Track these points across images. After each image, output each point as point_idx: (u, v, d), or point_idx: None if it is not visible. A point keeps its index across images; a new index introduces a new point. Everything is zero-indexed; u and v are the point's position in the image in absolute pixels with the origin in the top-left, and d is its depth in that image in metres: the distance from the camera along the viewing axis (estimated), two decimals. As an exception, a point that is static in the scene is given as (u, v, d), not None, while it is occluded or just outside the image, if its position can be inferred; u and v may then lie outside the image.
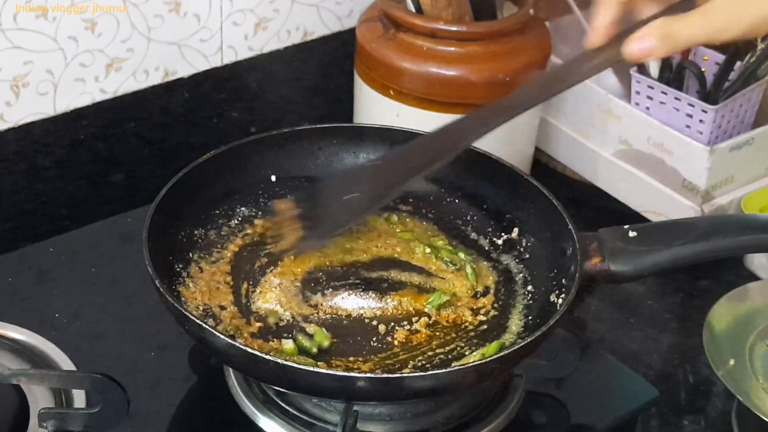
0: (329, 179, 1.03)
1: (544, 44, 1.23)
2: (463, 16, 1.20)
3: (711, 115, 1.24)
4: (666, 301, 1.20)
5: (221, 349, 0.88)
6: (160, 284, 0.91)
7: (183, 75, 1.33)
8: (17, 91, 1.21)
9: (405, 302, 1.00)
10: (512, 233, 1.07)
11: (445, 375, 0.88)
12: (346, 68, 1.32)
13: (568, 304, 0.93)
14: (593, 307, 1.18)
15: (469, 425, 0.97)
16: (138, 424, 0.96)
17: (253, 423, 0.96)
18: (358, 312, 0.99)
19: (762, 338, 1.06)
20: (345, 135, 1.12)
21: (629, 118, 1.30)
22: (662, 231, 1.00)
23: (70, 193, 1.25)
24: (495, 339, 0.97)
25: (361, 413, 0.92)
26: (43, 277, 1.11)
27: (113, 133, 1.29)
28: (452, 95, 1.18)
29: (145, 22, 1.26)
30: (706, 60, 1.30)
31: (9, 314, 1.03)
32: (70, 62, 1.23)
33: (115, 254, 1.14)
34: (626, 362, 1.09)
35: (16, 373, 0.92)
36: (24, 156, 1.23)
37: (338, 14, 1.43)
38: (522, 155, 1.27)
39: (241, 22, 1.35)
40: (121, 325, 1.06)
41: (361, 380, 0.86)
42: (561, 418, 1.01)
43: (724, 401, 1.08)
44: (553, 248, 1.01)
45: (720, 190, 1.26)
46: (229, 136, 1.18)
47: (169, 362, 1.02)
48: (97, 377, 0.90)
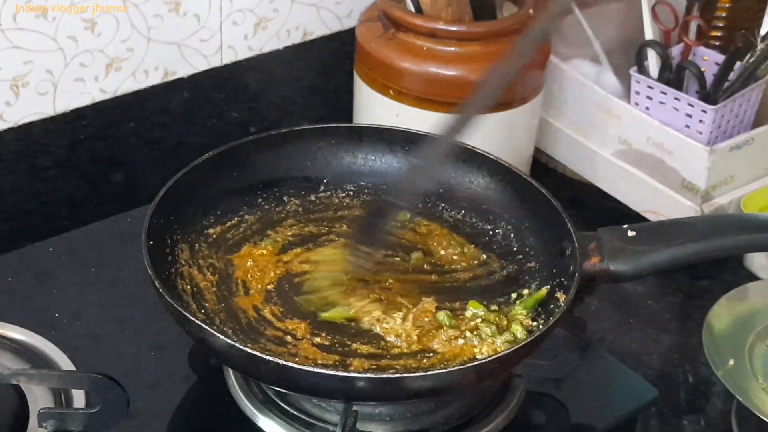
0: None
1: (543, 44, 1.23)
2: (462, 16, 1.20)
3: (711, 115, 1.24)
4: (666, 301, 1.20)
5: (221, 350, 0.88)
6: (160, 284, 0.91)
7: (183, 75, 1.33)
8: (17, 90, 1.21)
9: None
10: (511, 233, 1.07)
11: (445, 375, 0.88)
12: (345, 68, 1.32)
13: (567, 304, 0.93)
14: (593, 307, 1.18)
15: (469, 425, 0.97)
16: (138, 424, 0.96)
17: (253, 423, 0.96)
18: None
19: (761, 338, 1.06)
20: (344, 135, 1.12)
21: (629, 118, 1.30)
22: (661, 230, 1.00)
23: (69, 193, 1.25)
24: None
25: (361, 413, 0.92)
26: (42, 277, 1.11)
27: (113, 133, 1.29)
28: (452, 95, 1.18)
29: (144, 22, 1.26)
30: (705, 60, 1.30)
31: (9, 314, 1.03)
32: (70, 62, 1.23)
33: (115, 254, 1.14)
34: (626, 362, 1.09)
35: (15, 372, 0.92)
36: (24, 156, 1.23)
37: (338, 14, 1.43)
38: (521, 155, 1.27)
39: (240, 21, 1.35)
40: (121, 325, 1.06)
41: (361, 380, 0.86)
42: (561, 418, 1.01)
43: (724, 401, 1.08)
44: (552, 248, 1.01)
45: (720, 190, 1.26)
46: (228, 136, 1.18)
47: (169, 362, 1.02)
48: (97, 377, 0.90)
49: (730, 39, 1.30)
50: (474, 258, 1.06)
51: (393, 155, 1.12)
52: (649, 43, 1.29)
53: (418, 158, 1.00)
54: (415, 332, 0.96)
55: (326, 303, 0.98)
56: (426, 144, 1.01)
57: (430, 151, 0.98)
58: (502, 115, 1.21)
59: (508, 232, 1.08)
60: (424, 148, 1.00)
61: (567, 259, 0.98)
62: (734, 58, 1.25)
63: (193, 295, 0.98)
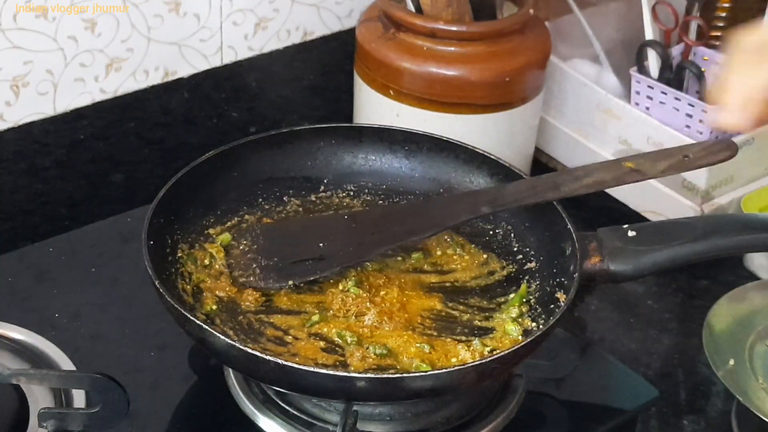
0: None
1: (543, 44, 1.23)
2: (463, 16, 1.20)
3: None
4: (666, 301, 1.20)
5: (221, 350, 0.88)
6: (160, 284, 0.91)
7: (183, 75, 1.34)
8: (17, 90, 1.21)
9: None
10: (511, 233, 1.07)
11: (445, 375, 0.88)
12: (346, 68, 1.32)
13: (567, 304, 0.93)
14: (593, 307, 1.18)
15: (469, 425, 0.97)
16: (138, 424, 0.96)
17: (253, 423, 0.96)
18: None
19: (762, 338, 1.06)
20: (344, 135, 1.12)
21: (629, 118, 1.30)
22: (661, 230, 1.00)
23: (69, 192, 1.25)
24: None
25: (361, 413, 0.92)
26: (42, 276, 1.11)
27: (113, 133, 1.29)
28: (452, 95, 1.18)
29: (144, 22, 1.26)
30: (706, 60, 1.30)
31: (9, 314, 1.03)
32: (70, 62, 1.23)
33: (115, 254, 1.14)
34: (626, 362, 1.09)
35: (16, 372, 0.92)
36: (24, 156, 1.24)
37: (338, 14, 1.43)
38: (522, 155, 1.27)
39: (240, 21, 1.35)
40: (121, 325, 1.06)
41: (361, 380, 0.86)
42: (561, 418, 1.01)
43: (724, 401, 1.08)
44: (552, 248, 1.01)
45: (720, 190, 1.26)
46: (228, 136, 1.18)
47: (169, 362, 1.02)
48: (97, 377, 0.90)
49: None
50: (474, 258, 1.06)
51: (393, 155, 1.12)
52: (650, 43, 1.29)
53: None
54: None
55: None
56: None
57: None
58: (502, 115, 1.21)
59: (508, 232, 1.07)
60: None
61: (567, 259, 0.98)
62: (734, 58, 1.25)
63: (193, 295, 0.98)
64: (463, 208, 1.02)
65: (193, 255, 1.01)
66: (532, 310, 0.99)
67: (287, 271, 0.99)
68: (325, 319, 0.97)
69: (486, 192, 1.04)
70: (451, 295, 1.02)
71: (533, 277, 1.03)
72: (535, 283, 1.02)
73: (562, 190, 1.00)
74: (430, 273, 1.04)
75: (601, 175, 1.00)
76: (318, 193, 1.11)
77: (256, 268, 1.00)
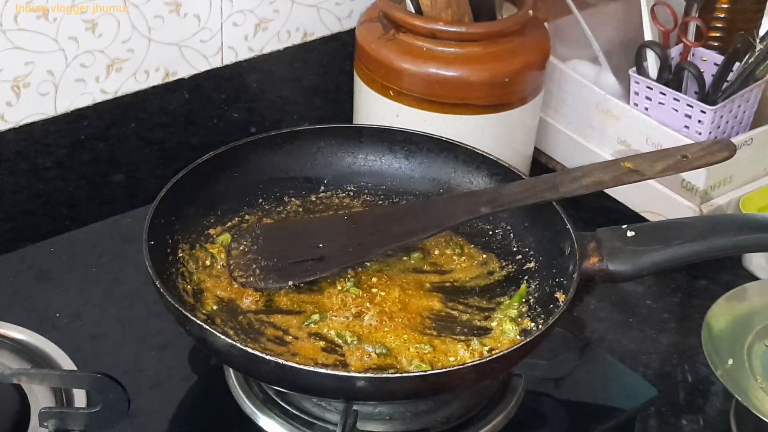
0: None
1: (543, 45, 1.23)
2: (462, 16, 1.20)
3: (710, 116, 1.24)
4: (665, 301, 1.21)
5: (222, 350, 0.88)
6: (160, 284, 0.91)
7: (183, 75, 1.34)
8: (18, 91, 1.21)
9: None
10: (511, 233, 1.07)
11: (445, 375, 0.88)
12: (345, 69, 1.32)
13: (567, 304, 0.93)
14: (592, 307, 1.18)
15: (468, 425, 0.97)
16: (138, 423, 0.96)
17: (253, 422, 0.96)
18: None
19: (760, 338, 1.07)
20: (344, 135, 1.12)
21: (628, 119, 1.30)
22: (660, 230, 1.00)
23: (70, 193, 1.25)
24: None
25: (361, 413, 0.92)
26: (43, 276, 1.11)
27: (114, 134, 1.29)
28: (452, 96, 1.18)
29: (145, 23, 1.27)
30: (704, 61, 1.31)
31: (10, 314, 1.03)
32: (71, 63, 1.23)
33: (116, 254, 1.14)
34: (625, 362, 1.09)
35: (16, 372, 0.92)
36: (25, 156, 1.24)
37: (338, 15, 1.43)
38: (521, 155, 1.27)
39: (241, 22, 1.35)
40: (122, 325, 1.06)
41: (360, 380, 0.86)
42: (560, 418, 1.01)
43: (723, 401, 1.08)
44: (551, 248, 1.02)
45: (718, 191, 1.26)
46: (229, 137, 1.18)
47: (169, 362, 1.02)
48: (98, 377, 0.90)
49: (729, 40, 1.30)
50: (473, 258, 1.06)
51: (393, 155, 1.12)
52: (648, 43, 1.30)
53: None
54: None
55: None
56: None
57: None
58: (502, 115, 1.21)
59: (507, 232, 1.08)
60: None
61: (566, 259, 0.98)
62: (733, 58, 1.26)
63: (193, 295, 0.99)
64: (462, 209, 1.02)
65: (194, 255, 1.02)
66: (531, 310, 1.00)
67: (287, 272, 1.00)
68: (325, 319, 0.97)
69: (485, 192, 1.05)
70: (451, 295, 1.02)
71: (532, 277, 1.03)
72: (534, 283, 1.02)
73: (561, 190, 1.00)
74: (430, 273, 1.04)
75: (599, 175, 1.00)
76: (318, 194, 1.11)
77: (256, 269, 1.00)
